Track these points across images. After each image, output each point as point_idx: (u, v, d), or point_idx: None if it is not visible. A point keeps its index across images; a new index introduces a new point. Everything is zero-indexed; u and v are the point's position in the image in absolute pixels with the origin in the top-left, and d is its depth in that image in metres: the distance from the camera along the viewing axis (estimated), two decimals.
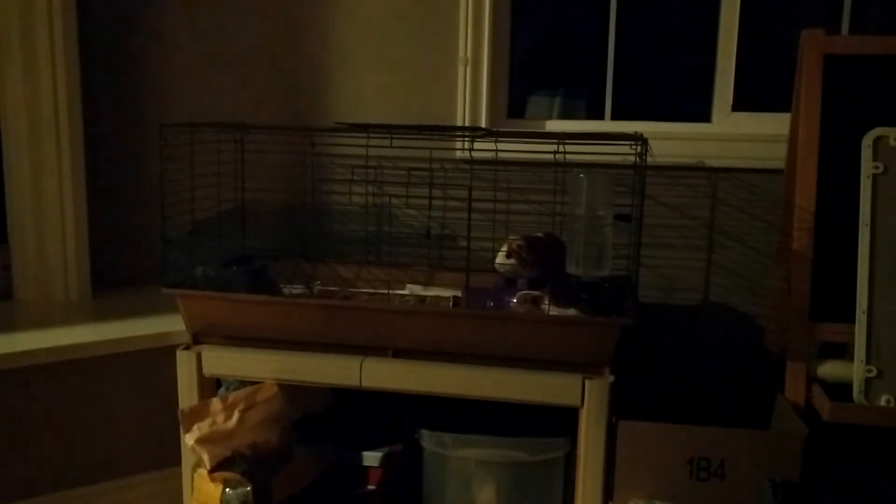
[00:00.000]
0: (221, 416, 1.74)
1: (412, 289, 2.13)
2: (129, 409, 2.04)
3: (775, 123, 2.20)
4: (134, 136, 2.43)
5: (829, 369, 1.82)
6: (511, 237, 1.89)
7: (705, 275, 2.25)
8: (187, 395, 1.84)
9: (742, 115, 2.25)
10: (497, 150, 1.95)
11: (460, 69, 2.27)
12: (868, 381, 1.73)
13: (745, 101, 2.26)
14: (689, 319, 2.27)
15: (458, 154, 2.28)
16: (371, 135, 1.90)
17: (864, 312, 1.75)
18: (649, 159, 1.82)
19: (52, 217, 2.23)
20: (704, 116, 2.30)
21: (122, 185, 2.45)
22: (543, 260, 1.86)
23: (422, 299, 2.07)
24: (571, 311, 1.73)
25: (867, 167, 1.79)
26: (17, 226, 2.23)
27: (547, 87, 2.53)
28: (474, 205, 2.22)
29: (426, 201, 2.27)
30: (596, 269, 1.77)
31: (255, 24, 2.35)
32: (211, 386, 1.88)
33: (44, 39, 2.15)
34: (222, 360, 1.84)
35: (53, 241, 2.24)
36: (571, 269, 1.80)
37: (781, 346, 1.92)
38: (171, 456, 2.02)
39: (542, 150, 1.82)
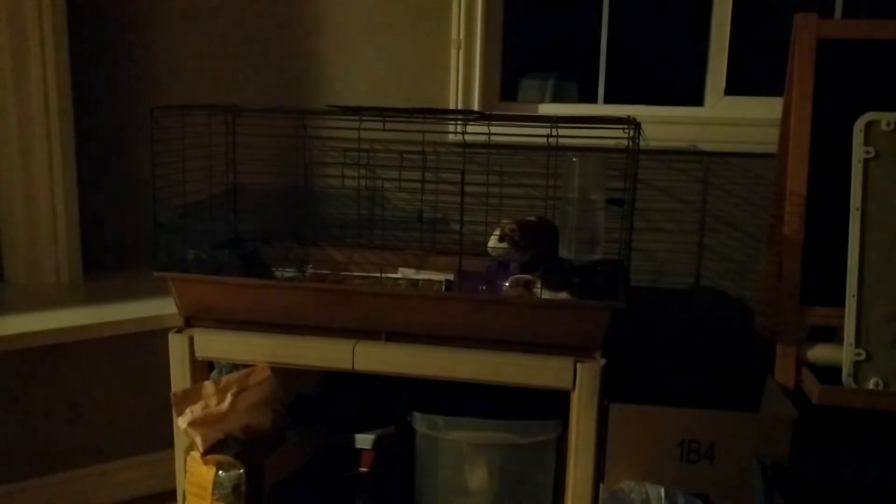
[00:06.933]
0: (214, 399, 1.74)
1: (404, 272, 2.13)
2: (121, 393, 2.04)
3: (768, 107, 2.20)
4: (125, 118, 2.41)
5: (819, 352, 1.83)
6: (503, 221, 1.89)
7: (697, 258, 2.26)
8: (180, 379, 1.84)
9: (735, 99, 2.25)
10: (490, 134, 1.94)
11: (453, 52, 2.26)
12: (857, 364, 1.75)
13: (737, 85, 2.26)
14: (681, 303, 2.28)
15: (451, 137, 2.27)
16: (363, 118, 1.89)
17: (853, 296, 1.76)
18: (642, 143, 1.82)
19: (42, 199, 2.22)
20: (697, 100, 2.29)
21: (114, 167, 2.44)
22: (536, 244, 1.86)
23: (414, 283, 2.07)
24: (563, 295, 1.74)
25: (858, 152, 1.79)
26: (7, 208, 2.22)
27: (540, 69, 2.52)
28: (467, 188, 2.21)
29: (418, 185, 2.27)
30: (588, 253, 1.78)
31: (247, 7, 2.33)
32: (203, 369, 1.87)
33: (33, 20, 2.12)
34: (214, 344, 1.84)
35: (44, 223, 2.23)
36: (564, 252, 1.80)
37: (772, 330, 1.94)
38: (163, 439, 2.02)
39: (534, 134, 1.81)
